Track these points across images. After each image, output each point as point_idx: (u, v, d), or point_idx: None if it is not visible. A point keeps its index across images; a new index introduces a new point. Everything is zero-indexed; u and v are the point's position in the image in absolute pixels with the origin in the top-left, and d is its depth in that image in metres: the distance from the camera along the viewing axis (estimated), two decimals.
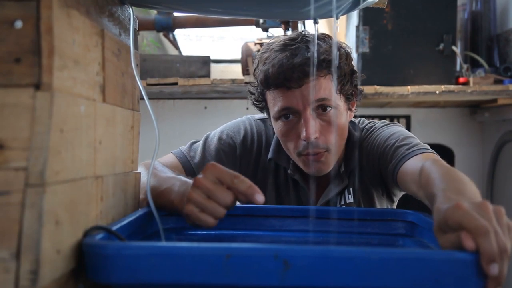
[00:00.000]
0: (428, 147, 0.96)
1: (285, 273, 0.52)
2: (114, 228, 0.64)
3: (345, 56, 1.03)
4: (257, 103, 1.09)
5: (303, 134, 0.96)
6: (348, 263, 0.52)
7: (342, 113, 1.01)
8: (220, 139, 1.11)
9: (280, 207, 0.93)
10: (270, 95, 1.02)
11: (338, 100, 1.00)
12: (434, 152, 0.94)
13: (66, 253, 0.55)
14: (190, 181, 0.79)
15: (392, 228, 0.86)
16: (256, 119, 1.17)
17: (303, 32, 1.02)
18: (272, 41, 1.04)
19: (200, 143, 1.11)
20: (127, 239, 0.65)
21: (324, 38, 1.01)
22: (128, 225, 0.70)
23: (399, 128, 1.06)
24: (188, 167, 1.07)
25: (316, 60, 0.94)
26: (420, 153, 0.93)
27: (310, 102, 0.96)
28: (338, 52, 1.01)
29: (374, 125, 1.10)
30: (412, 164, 0.90)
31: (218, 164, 0.73)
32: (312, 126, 0.96)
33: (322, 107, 0.98)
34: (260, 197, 0.69)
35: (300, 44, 0.97)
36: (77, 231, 0.58)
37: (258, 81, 1.03)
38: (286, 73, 0.95)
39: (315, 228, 0.87)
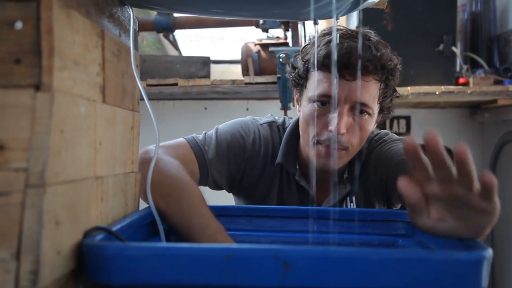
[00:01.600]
0: None
1: (285, 274, 0.52)
2: (114, 228, 0.64)
3: (399, 71, 1.03)
4: (297, 79, 1.06)
5: (333, 126, 0.96)
6: (348, 264, 0.52)
7: (373, 121, 1.02)
8: (232, 136, 1.08)
9: (280, 208, 0.93)
10: (316, 76, 1.00)
11: (375, 108, 1.01)
12: None
13: (66, 253, 0.55)
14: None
15: (392, 228, 0.86)
16: (262, 124, 1.14)
17: (363, 31, 1.01)
18: (336, 27, 1.04)
19: (213, 137, 1.07)
20: (127, 239, 0.65)
21: (382, 45, 1.01)
22: (128, 225, 0.70)
23: None
24: (202, 162, 1.03)
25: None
26: None
27: (353, 101, 0.96)
28: (395, 64, 1.01)
29: (383, 137, 1.10)
30: None
31: None
32: (345, 122, 0.96)
33: (360, 109, 0.98)
34: None
35: (368, 41, 0.97)
36: (77, 231, 0.58)
37: (313, 58, 1.00)
38: (350, 61, 0.93)
39: (315, 229, 0.87)
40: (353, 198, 1.09)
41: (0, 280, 0.47)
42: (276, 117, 1.19)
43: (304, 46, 1.07)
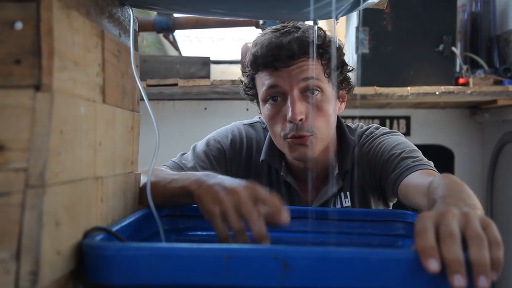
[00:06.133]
0: (432, 164, 0.95)
1: (285, 274, 0.52)
2: (114, 229, 0.64)
3: (330, 41, 1.04)
4: (248, 90, 1.10)
5: (289, 114, 0.97)
6: (348, 264, 0.52)
7: (329, 98, 1.02)
8: (208, 145, 1.11)
9: None
10: (259, 78, 1.04)
11: (325, 84, 1.01)
12: (436, 170, 0.94)
13: (66, 254, 0.55)
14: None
15: (392, 229, 0.86)
16: (245, 124, 1.18)
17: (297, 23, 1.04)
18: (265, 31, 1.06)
19: (189, 152, 1.11)
20: (127, 240, 0.65)
21: (303, 27, 1.03)
22: (128, 226, 0.70)
23: (403, 139, 1.06)
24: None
25: (301, 43, 0.96)
26: (425, 169, 0.92)
27: (297, 83, 0.98)
28: (325, 38, 1.02)
29: (374, 131, 1.10)
30: (416, 177, 0.90)
31: (258, 186, 0.68)
32: (299, 107, 0.97)
33: (309, 89, 0.99)
34: (284, 218, 0.66)
35: (290, 28, 1.00)
36: (77, 232, 0.58)
37: (249, 66, 1.05)
38: (274, 51, 0.97)
39: (315, 229, 0.87)
40: (347, 194, 1.09)
41: (0, 280, 0.47)
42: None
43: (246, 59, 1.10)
